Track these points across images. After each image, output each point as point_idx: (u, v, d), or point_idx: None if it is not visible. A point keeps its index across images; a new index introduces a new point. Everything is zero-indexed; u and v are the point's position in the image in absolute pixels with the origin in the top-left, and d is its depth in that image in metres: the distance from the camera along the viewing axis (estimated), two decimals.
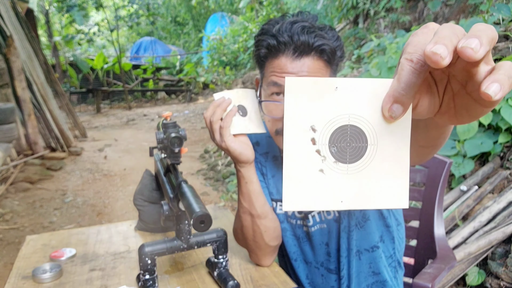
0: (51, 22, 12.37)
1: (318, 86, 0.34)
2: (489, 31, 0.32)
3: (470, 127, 2.23)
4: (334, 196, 0.35)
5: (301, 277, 1.06)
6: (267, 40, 0.86)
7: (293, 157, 0.35)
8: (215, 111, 0.85)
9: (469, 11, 3.81)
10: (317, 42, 0.83)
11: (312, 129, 0.35)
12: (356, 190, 0.35)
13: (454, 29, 0.32)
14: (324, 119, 0.35)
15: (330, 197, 0.35)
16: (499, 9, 2.78)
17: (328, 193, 0.35)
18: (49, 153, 4.96)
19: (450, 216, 2.07)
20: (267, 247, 0.97)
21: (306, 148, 0.35)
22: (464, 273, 1.88)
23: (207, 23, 12.15)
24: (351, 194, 0.35)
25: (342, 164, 0.35)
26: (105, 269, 1.03)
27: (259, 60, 0.91)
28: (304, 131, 0.35)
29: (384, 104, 0.34)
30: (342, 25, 5.89)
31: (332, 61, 0.87)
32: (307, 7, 5.45)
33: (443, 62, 0.31)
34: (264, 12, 7.89)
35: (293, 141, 0.35)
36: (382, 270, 0.98)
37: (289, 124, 0.35)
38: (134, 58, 13.37)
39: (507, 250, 1.85)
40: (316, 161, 0.35)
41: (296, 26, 0.83)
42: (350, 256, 0.96)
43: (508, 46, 2.74)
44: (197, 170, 4.59)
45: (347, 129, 0.35)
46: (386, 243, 0.99)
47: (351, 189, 0.35)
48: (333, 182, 0.35)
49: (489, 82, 0.31)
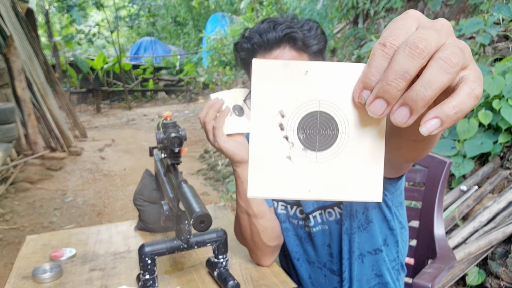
0: (51, 22, 12.35)
1: (288, 69, 0.33)
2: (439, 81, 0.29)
3: (470, 127, 2.23)
4: (301, 185, 0.33)
5: (304, 276, 1.06)
6: (242, 44, 0.91)
7: (260, 143, 0.33)
8: (208, 112, 0.86)
9: (469, 11, 3.81)
10: (284, 31, 0.86)
11: (281, 114, 0.33)
12: (325, 179, 0.33)
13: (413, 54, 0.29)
14: (293, 104, 0.33)
15: (297, 185, 0.33)
16: (499, 9, 2.78)
17: (295, 181, 0.33)
18: (49, 153, 4.96)
19: (450, 216, 2.07)
20: (265, 246, 0.97)
21: (273, 133, 0.33)
22: (464, 273, 1.88)
23: (207, 23, 12.14)
24: (319, 184, 0.33)
25: (311, 152, 0.33)
26: (105, 269, 1.03)
27: (243, 65, 0.95)
28: (272, 116, 0.33)
29: (355, 90, 0.33)
30: (342, 25, 5.89)
31: (307, 48, 0.89)
32: (307, 7, 5.45)
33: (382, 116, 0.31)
34: (264, 12, 7.90)
35: (260, 126, 0.33)
36: (385, 273, 0.97)
37: (256, 108, 0.33)
38: (134, 58, 13.36)
39: (507, 250, 1.85)
40: (284, 147, 0.33)
41: (264, 24, 0.88)
42: (352, 259, 0.95)
43: (508, 46, 2.74)
44: (197, 170, 4.59)
45: (317, 116, 0.33)
46: (390, 247, 0.98)
47: (320, 178, 0.33)
48: (300, 170, 0.33)
49: (429, 118, 0.30)
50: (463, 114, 0.30)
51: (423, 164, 1.24)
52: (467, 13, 3.82)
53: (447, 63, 0.29)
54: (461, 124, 2.26)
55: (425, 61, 0.29)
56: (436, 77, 0.29)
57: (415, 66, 0.29)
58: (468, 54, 0.31)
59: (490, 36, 2.71)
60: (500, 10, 2.77)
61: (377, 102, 0.31)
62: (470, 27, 2.79)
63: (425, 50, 0.29)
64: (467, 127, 2.23)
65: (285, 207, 1.04)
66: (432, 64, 0.29)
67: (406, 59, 0.29)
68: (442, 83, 0.29)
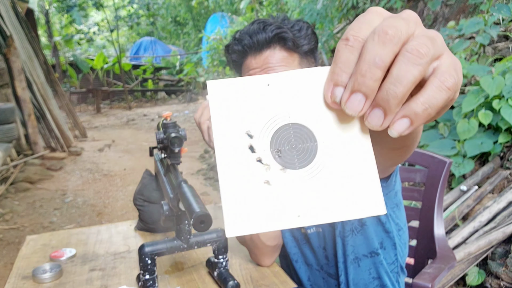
0: (51, 22, 12.36)
1: (247, 85, 0.30)
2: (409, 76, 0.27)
3: (470, 127, 2.23)
4: (288, 211, 0.28)
5: (303, 279, 1.06)
6: (233, 46, 0.91)
7: (230, 172, 0.28)
8: (203, 112, 0.87)
9: (469, 11, 3.81)
10: (274, 32, 0.86)
11: (248, 135, 0.29)
12: (314, 199, 0.29)
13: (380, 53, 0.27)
14: (260, 122, 0.29)
15: (282, 212, 0.28)
16: (499, 9, 2.78)
17: (279, 208, 0.28)
18: (49, 153, 4.96)
19: (450, 216, 2.07)
20: (264, 246, 0.97)
21: (244, 158, 0.29)
22: (464, 273, 1.88)
23: (207, 23, 12.13)
24: (309, 206, 0.29)
25: (291, 171, 0.29)
26: (105, 269, 1.03)
27: (234, 67, 0.96)
28: (238, 139, 0.29)
29: (325, 90, 0.29)
30: (342, 25, 5.89)
31: (297, 48, 0.89)
32: (307, 7, 5.45)
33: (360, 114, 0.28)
34: (264, 12, 7.90)
35: (227, 153, 0.29)
36: (383, 276, 0.95)
37: (219, 133, 0.29)
38: (134, 58, 13.37)
39: (507, 250, 1.85)
40: (259, 171, 0.29)
41: (254, 25, 0.89)
42: (347, 262, 0.94)
43: (508, 46, 2.75)
44: (197, 170, 4.59)
45: (289, 129, 0.29)
46: (387, 250, 0.96)
47: (308, 199, 0.29)
48: (283, 193, 0.28)
49: (397, 118, 0.28)
50: (435, 110, 0.27)
51: (423, 164, 1.24)
52: (467, 13, 3.82)
53: (414, 55, 0.27)
54: (461, 124, 2.26)
55: (397, 48, 0.27)
56: (405, 71, 0.27)
57: (388, 53, 0.27)
58: (440, 43, 0.28)
59: (490, 36, 2.71)
60: (500, 10, 2.77)
61: (354, 97, 0.28)
62: (470, 27, 2.79)
63: (395, 35, 0.27)
64: (467, 127, 2.23)
65: None
66: (399, 59, 0.27)
67: (377, 46, 0.27)
68: (413, 77, 0.27)
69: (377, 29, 0.27)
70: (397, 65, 0.27)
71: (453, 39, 3.18)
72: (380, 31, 0.27)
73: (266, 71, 0.88)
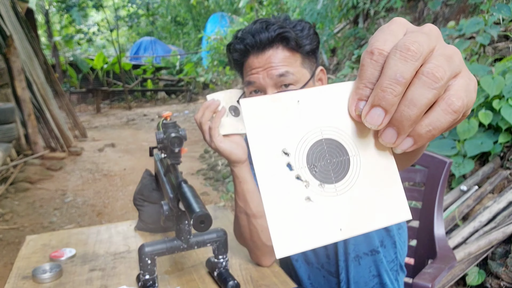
0: (51, 22, 12.36)
1: (279, 103, 0.30)
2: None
3: (470, 127, 2.23)
4: (331, 225, 0.29)
5: (303, 278, 1.06)
6: (235, 45, 0.92)
7: (273, 191, 0.29)
8: (204, 113, 0.87)
9: (469, 11, 3.81)
10: (277, 31, 0.87)
11: (285, 153, 0.29)
12: (352, 212, 0.30)
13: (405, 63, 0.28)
14: (295, 139, 0.30)
15: (326, 227, 0.29)
16: (499, 9, 2.78)
17: (323, 223, 0.29)
18: (49, 153, 4.96)
19: (450, 216, 2.07)
20: (265, 246, 0.97)
21: (283, 176, 0.29)
22: (464, 273, 1.88)
23: (207, 23, 12.13)
24: (348, 218, 0.30)
25: (328, 185, 0.30)
26: (105, 269, 1.03)
27: (235, 66, 0.96)
28: (276, 157, 0.29)
29: (350, 105, 0.31)
30: (342, 25, 5.89)
31: (299, 48, 0.90)
32: (307, 7, 5.45)
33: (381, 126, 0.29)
34: (264, 12, 7.89)
35: (267, 172, 0.29)
36: (383, 274, 0.96)
37: (257, 152, 0.29)
38: (134, 58, 13.36)
39: (507, 250, 1.85)
40: (299, 188, 0.29)
41: (256, 24, 0.89)
42: (348, 261, 0.95)
43: (508, 46, 2.74)
44: (197, 170, 4.59)
45: (323, 144, 0.30)
46: (387, 248, 0.97)
47: (347, 212, 0.30)
48: (324, 209, 0.29)
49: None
50: (439, 131, 0.29)
51: (423, 164, 1.24)
52: (467, 13, 3.82)
53: (430, 79, 0.27)
54: (461, 124, 2.26)
55: (418, 64, 0.28)
56: (420, 94, 0.27)
57: (409, 69, 0.28)
58: (457, 61, 0.29)
59: (490, 36, 2.71)
60: (500, 10, 2.77)
61: (373, 111, 0.29)
62: (470, 27, 2.79)
63: (417, 52, 0.28)
64: (467, 127, 2.23)
65: None
66: (415, 82, 0.28)
67: (398, 62, 0.28)
68: (427, 100, 0.28)
69: (399, 45, 0.28)
70: (412, 88, 0.28)
71: (453, 39, 3.18)
72: (402, 47, 0.28)
73: (268, 71, 0.88)
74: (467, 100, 0.29)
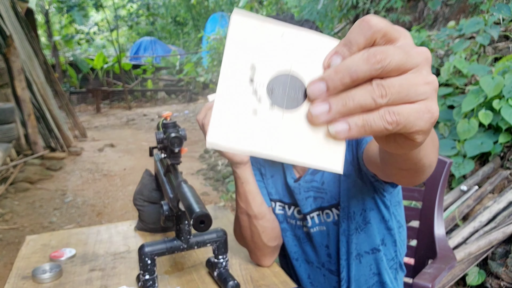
0: (51, 22, 12.36)
1: (265, 28, 0.33)
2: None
3: (470, 127, 2.23)
4: (264, 141, 0.32)
5: (303, 277, 1.06)
6: None
7: (228, 91, 0.32)
8: (206, 114, 0.87)
9: (469, 11, 3.81)
10: None
11: (252, 69, 0.33)
12: (289, 140, 0.33)
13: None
14: (265, 62, 0.33)
15: (260, 140, 0.32)
16: (499, 9, 2.78)
17: (258, 136, 0.32)
18: (49, 153, 4.96)
19: (450, 216, 2.07)
20: (265, 247, 0.97)
21: (242, 85, 0.32)
22: (464, 273, 1.88)
23: (207, 23, 12.13)
24: (283, 143, 0.33)
25: (278, 109, 0.32)
26: (105, 269, 1.02)
27: None
28: (243, 69, 0.32)
29: (327, 55, 0.33)
30: (342, 25, 5.89)
31: None
32: (307, 6, 5.45)
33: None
34: (264, 12, 7.89)
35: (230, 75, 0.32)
36: (383, 272, 0.97)
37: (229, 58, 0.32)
38: (134, 58, 13.36)
39: (507, 250, 1.85)
40: (251, 100, 0.32)
41: None
42: (350, 259, 0.96)
43: (508, 46, 2.74)
44: (197, 170, 4.59)
45: (288, 78, 0.33)
46: (388, 246, 0.98)
47: (284, 138, 0.33)
48: (265, 125, 0.32)
49: (340, 120, 0.31)
50: (371, 131, 0.30)
51: None
52: (467, 13, 3.82)
53: (377, 94, 0.29)
54: (461, 124, 2.26)
55: (376, 74, 0.29)
56: (362, 99, 0.29)
57: (365, 72, 0.29)
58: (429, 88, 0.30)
59: (490, 36, 2.71)
60: (500, 10, 2.77)
61: (318, 84, 0.31)
62: (470, 27, 2.79)
63: (381, 62, 0.29)
64: (467, 127, 2.23)
65: (282, 207, 1.04)
66: (367, 88, 0.29)
67: (361, 61, 0.29)
68: (365, 105, 0.29)
69: (373, 49, 0.29)
70: (362, 90, 0.30)
71: (453, 39, 3.18)
72: (374, 51, 0.29)
73: None
74: (405, 123, 0.30)
